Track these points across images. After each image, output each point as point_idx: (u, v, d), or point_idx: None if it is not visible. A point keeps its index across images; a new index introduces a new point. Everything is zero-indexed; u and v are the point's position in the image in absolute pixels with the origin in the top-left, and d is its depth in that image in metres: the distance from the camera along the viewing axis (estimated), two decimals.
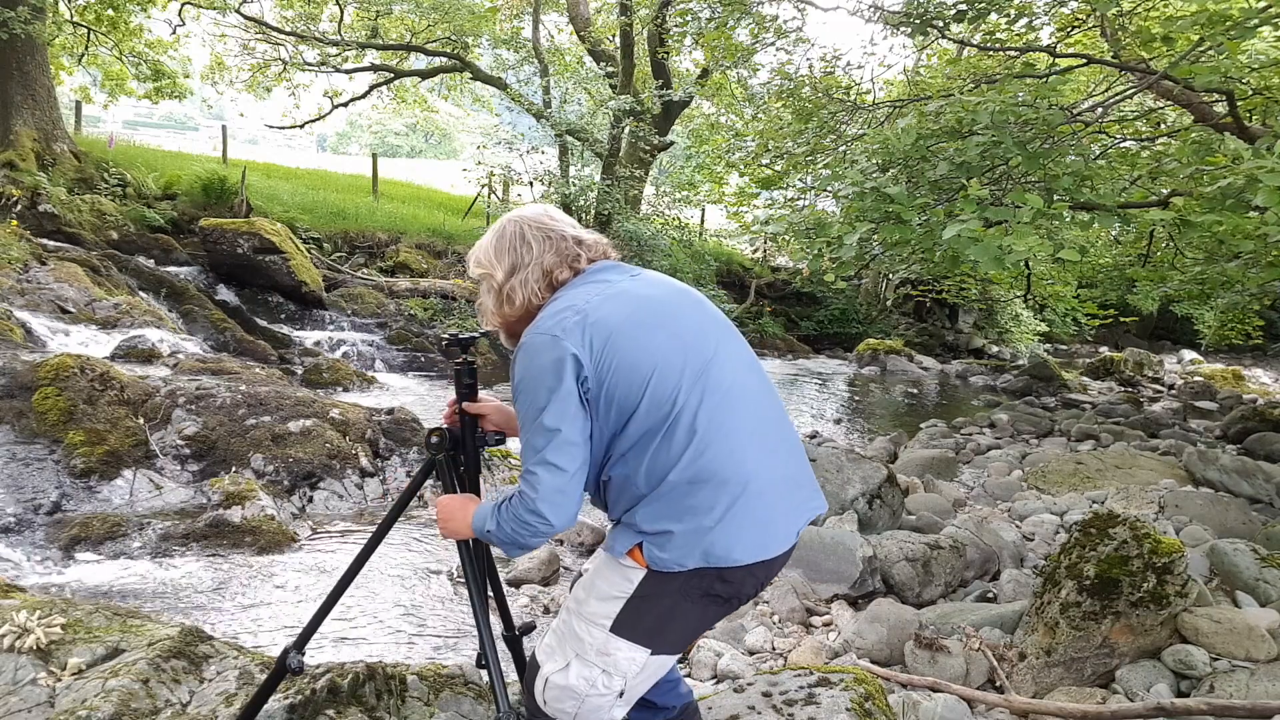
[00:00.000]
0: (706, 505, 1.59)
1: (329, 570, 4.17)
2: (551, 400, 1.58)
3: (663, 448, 1.60)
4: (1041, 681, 3.00)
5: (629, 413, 1.60)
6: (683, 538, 1.59)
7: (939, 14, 6.09)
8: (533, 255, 1.74)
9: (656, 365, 1.61)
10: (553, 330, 1.61)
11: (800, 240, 6.35)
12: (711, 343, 1.69)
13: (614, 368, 1.59)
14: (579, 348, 1.59)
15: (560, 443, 1.58)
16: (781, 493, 1.68)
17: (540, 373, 1.60)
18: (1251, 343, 14.03)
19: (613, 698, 1.68)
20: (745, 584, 1.68)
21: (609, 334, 1.60)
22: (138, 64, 16.06)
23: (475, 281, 1.83)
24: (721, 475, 1.60)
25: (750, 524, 1.61)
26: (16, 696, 2.09)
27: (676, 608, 1.64)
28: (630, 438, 1.61)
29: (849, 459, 5.25)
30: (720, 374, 1.66)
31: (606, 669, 1.66)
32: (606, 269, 1.78)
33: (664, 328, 1.66)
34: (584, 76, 18.35)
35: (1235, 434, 8.57)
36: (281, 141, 39.04)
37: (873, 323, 17.93)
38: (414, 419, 5.89)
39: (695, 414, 1.60)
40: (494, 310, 1.79)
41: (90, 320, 8.09)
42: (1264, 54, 5.17)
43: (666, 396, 1.60)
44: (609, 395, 1.60)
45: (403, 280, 13.29)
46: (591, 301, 1.65)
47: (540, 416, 1.59)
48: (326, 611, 2.00)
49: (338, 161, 27.39)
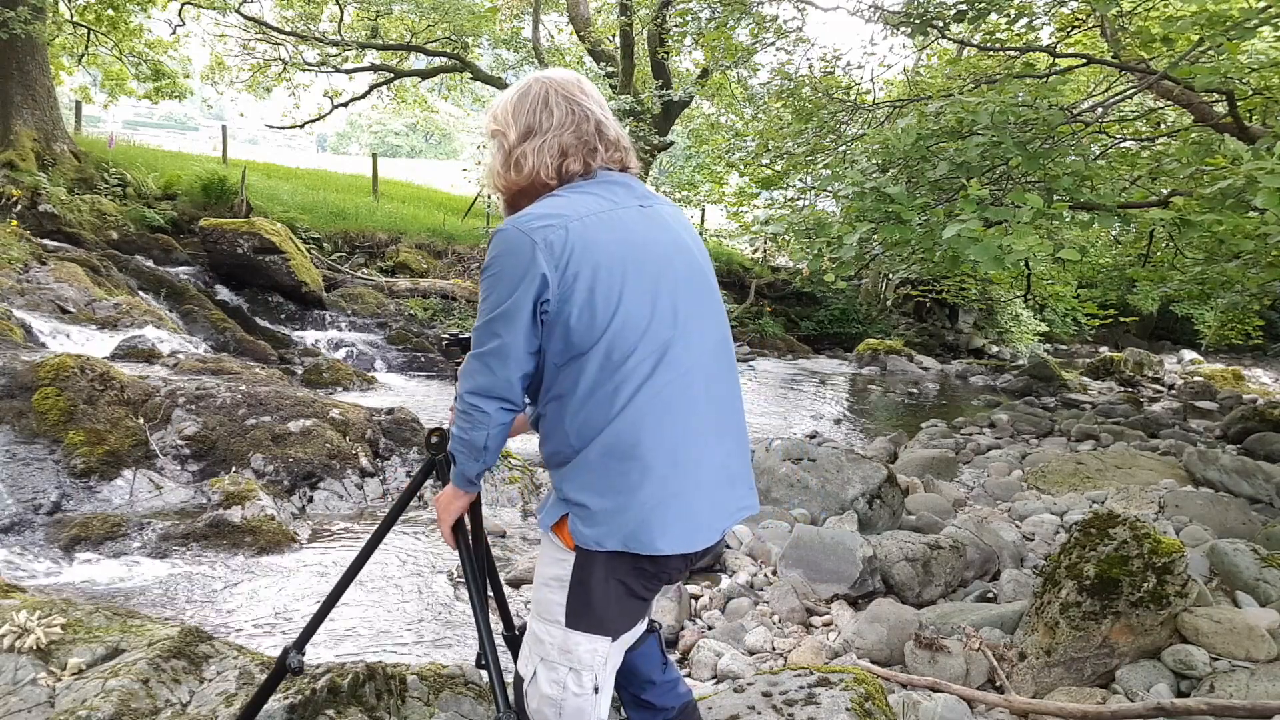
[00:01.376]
0: (631, 485, 1.53)
1: (329, 570, 4.17)
2: (507, 304, 1.53)
3: (601, 406, 1.53)
4: (1041, 681, 3.01)
5: (576, 354, 1.54)
6: (604, 515, 1.54)
7: (939, 14, 6.09)
8: (552, 123, 1.63)
9: (620, 318, 1.53)
10: (533, 234, 1.52)
11: (800, 240, 6.35)
12: (685, 316, 1.61)
13: (578, 303, 1.51)
14: (550, 268, 1.50)
15: (499, 349, 1.54)
16: (714, 487, 1.63)
17: (506, 273, 1.53)
18: (1251, 343, 14.04)
19: (590, 696, 1.63)
20: (670, 566, 1.63)
21: (586, 264, 1.52)
22: (138, 64, 16.06)
23: (485, 135, 1.73)
24: (651, 457, 1.53)
25: (676, 515, 1.56)
26: (16, 696, 2.09)
27: (612, 588, 1.60)
28: (569, 381, 1.55)
29: (849, 459, 5.25)
30: (682, 352, 1.58)
31: (573, 666, 1.62)
32: (618, 183, 1.66)
33: (645, 282, 1.57)
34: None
35: (1235, 434, 8.57)
36: (281, 141, 39.04)
37: (873, 323, 17.93)
38: (414, 419, 5.89)
39: (641, 384, 1.53)
40: (500, 171, 1.68)
41: (90, 320, 8.09)
42: (1264, 54, 5.17)
43: (620, 354, 1.53)
44: (564, 326, 1.53)
45: (403, 280, 13.30)
46: (586, 220, 1.55)
47: (491, 314, 1.55)
48: (326, 611, 2.00)
49: (338, 161, 27.39)
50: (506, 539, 4.75)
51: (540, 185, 1.64)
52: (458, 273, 14.12)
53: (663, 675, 1.89)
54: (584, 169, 1.64)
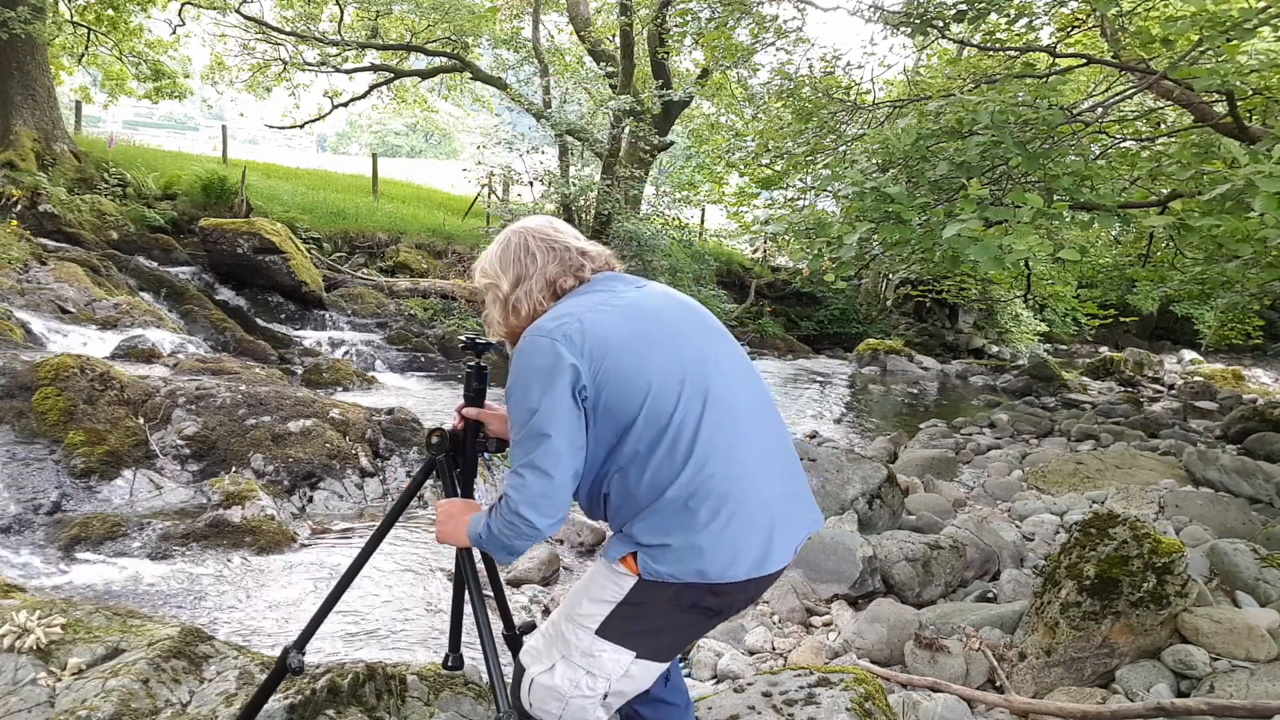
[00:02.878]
0: (704, 521, 1.58)
1: (329, 570, 4.17)
2: (544, 404, 1.57)
3: (664, 463, 1.59)
4: (1041, 681, 3.01)
5: (625, 426, 1.60)
6: (679, 552, 1.59)
7: (939, 14, 6.09)
8: (536, 266, 1.75)
9: (655, 379, 1.60)
10: (552, 334, 1.61)
11: (800, 240, 6.35)
12: (712, 359, 1.69)
13: (612, 380, 1.59)
14: (577, 357, 1.58)
15: (549, 449, 1.57)
16: (781, 510, 1.68)
17: (536, 374, 1.59)
18: (1251, 343, 14.04)
19: (597, 700, 1.68)
20: (736, 598, 1.68)
21: (609, 345, 1.60)
22: (138, 64, 16.06)
23: (480, 291, 1.84)
24: (721, 491, 1.59)
25: (748, 542, 1.61)
26: (16, 696, 2.09)
27: (664, 617, 1.65)
28: (628, 452, 1.61)
29: (849, 459, 5.25)
30: (722, 390, 1.66)
31: (591, 670, 1.67)
32: (612, 279, 1.78)
33: (666, 341, 1.65)
34: (584, 76, 18.35)
35: (1235, 434, 8.57)
36: (281, 141, 39.03)
37: (873, 323, 17.92)
38: (414, 419, 5.88)
39: (696, 430, 1.60)
40: (500, 321, 1.79)
41: (90, 320, 8.09)
42: (1264, 54, 5.17)
43: (665, 411, 1.60)
44: (606, 407, 1.59)
45: (403, 280, 13.30)
46: (595, 310, 1.66)
47: (531, 420, 1.58)
48: (327, 611, 2.01)
49: (338, 161, 27.39)
50: None
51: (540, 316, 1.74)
52: (458, 273, 14.11)
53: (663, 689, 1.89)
54: (576, 282, 1.76)
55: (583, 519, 4.90)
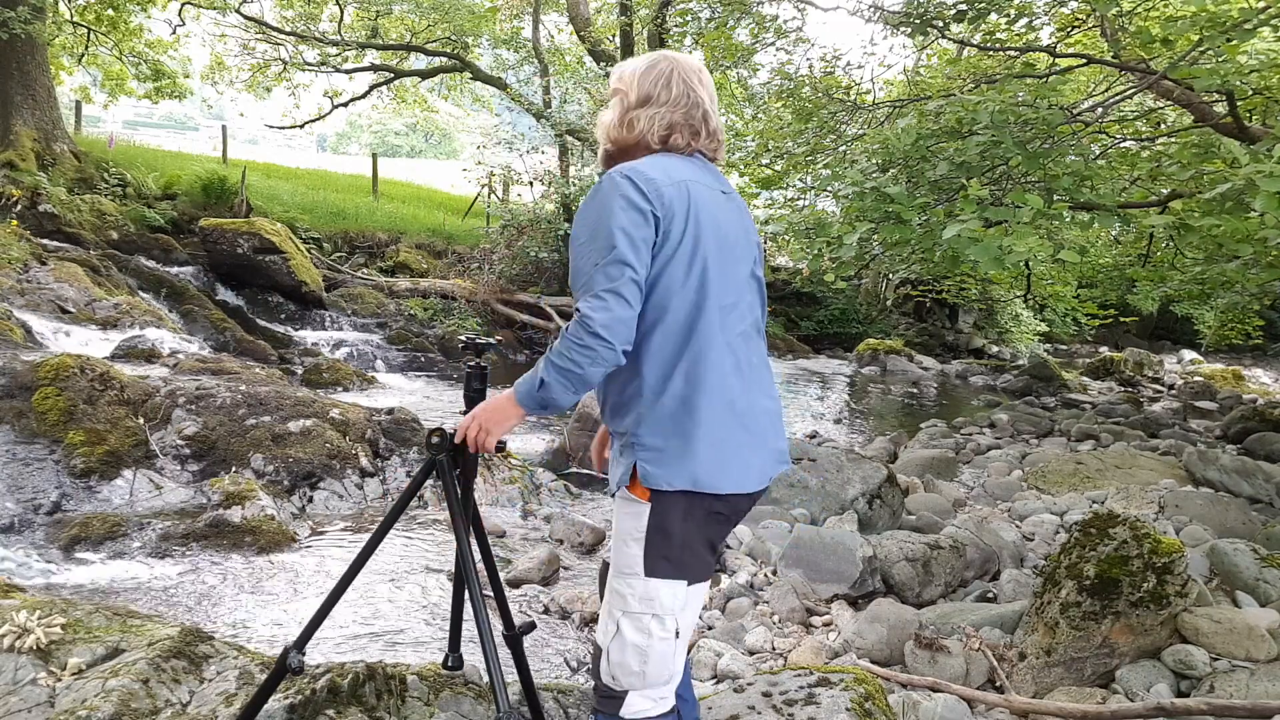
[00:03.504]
0: (697, 429, 1.67)
1: (329, 570, 4.17)
2: (634, 235, 1.61)
3: (672, 363, 1.67)
4: (1041, 681, 3.01)
5: (665, 297, 1.66)
6: (671, 456, 1.66)
7: (939, 14, 6.09)
8: (669, 98, 1.78)
9: (701, 274, 1.68)
10: (655, 179, 1.66)
11: (800, 240, 6.35)
12: (743, 287, 1.79)
13: (673, 246, 1.65)
14: (657, 206, 1.64)
15: (633, 278, 1.60)
16: (764, 439, 1.79)
17: (627, 206, 1.62)
18: (1251, 343, 14.03)
19: (672, 640, 1.72)
20: (739, 505, 1.78)
21: (680, 216, 1.66)
22: (138, 64, 16.06)
23: (607, 92, 1.89)
24: (716, 404, 1.69)
25: (735, 458, 1.71)
26: (16, 696, 2.09)
27: (688, 532, 1.71)
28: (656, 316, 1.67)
29: (849, 459, 5.25)
30: (744, 314, 1.78)
31: (656, 613, 1.71)
32: (707, 168, 1.83)
33: (719, 249, 1.72)
34: (584, 76, 18.32)
35: (1235, 434, 8.56)
36: (281, 141, 39.03)
37: (873, 323, 17.92)
38: (414, 419, 5.88)
39: (711, 338, 1.69)
40: (614, 124, 1.82)
41: (90, 320, 8.09)
42: (1264, 54, 5.17)
43: (695, 306, 1.68)
44: (660, 267, 1.65)
45: (403, 280, 13.30)
46: (686, 182, 1.71)
47: (617, 247, 1.60)
48: (327, 611, 2.00)
49: (338, 161, 27.39)
50: (506, 539, 4.76)
51: (643, 149, 1.80)
52: (458, 273, 14.11)
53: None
54: (685, 146, 1.80)
55: (583, 519, 4.90)
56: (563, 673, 3.34)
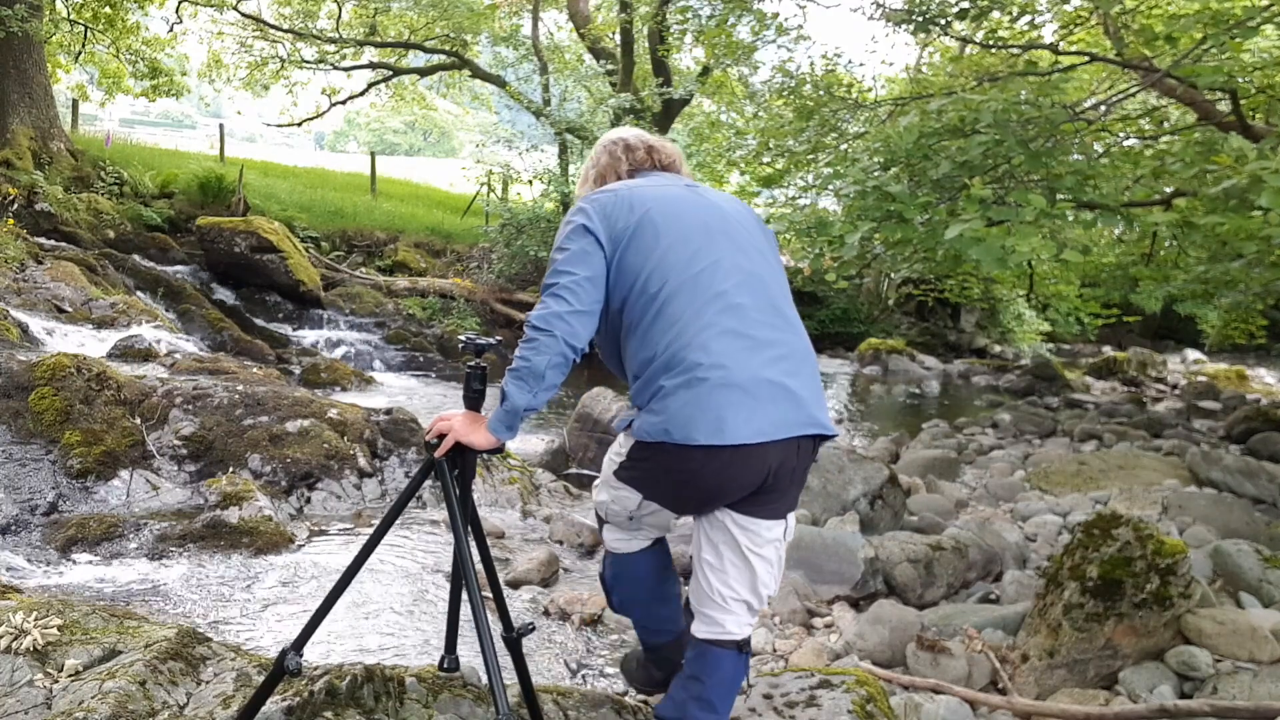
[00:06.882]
0: (672, 386, 1.83)
1: (327, 571, 4.14)
2: (570, 248, 1.89)
3: (652, 329, 1.87)
4: (1044, 683, 2.99)
5: (629, 289, 1.89)
6: (651, 412, 1.86)
7: (941, 11, 6.06)
8: (594, 162, 2.22)
9: (664, 254, 1.88)
10: (596, 196, 1.99)
11: (801, 239, 6.32)
12: (719, 251, 1.93)
13: (628, 239, 1.89)
14: (601, 219, 1.91)
15: (570, 281, 1.84)
16: (758, 393, 1.84)
17: (569, 226, 1.94)
18: (1255, 343, 13.99)
19: (623, 515, 2.11)
20: (707, 468, 1.85)
21: (634, 214, 1.92)
22: (135, 62, 16.01)
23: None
24: (690, 361, 1.83)
25: (710, 409, 1.80)
26: (13, 698, 2.07)
27: (651, 475, 1.97)
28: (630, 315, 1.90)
29: (851, 459, 5.23)
30: (714, 279, 1.90)
31: (614, 497, 2.10)
32: (663, 174, 2.14)
33: (683, 229, 1.93)
34: (584, 74, 18.31)
35: (1239, 434, 8.54)
36: (279, 139, 39.01)
37: (874, 322, 17.91)
38: (412, 419, 5.86)
39: (678, 307, 1.86)
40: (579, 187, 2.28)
41: (87, 319, 8.06)
42: (1267, 52, 5.15)
43: (656, 285, 1.87)
44: (620, 260, 1.89)
45: (401, 279, 13.27)
46: (632, 187, 2.01)
47: (558, 260, 1.90)
48: (325, 613, 1.99)
49: (336, 160, 27.37)
50: (506, 539, 4.73)
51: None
52: (456, 272, 14.09)
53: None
54: (627, 173, 2.15)
55: (582, 520, 4.88)
56: (562, 675, 3.31)
